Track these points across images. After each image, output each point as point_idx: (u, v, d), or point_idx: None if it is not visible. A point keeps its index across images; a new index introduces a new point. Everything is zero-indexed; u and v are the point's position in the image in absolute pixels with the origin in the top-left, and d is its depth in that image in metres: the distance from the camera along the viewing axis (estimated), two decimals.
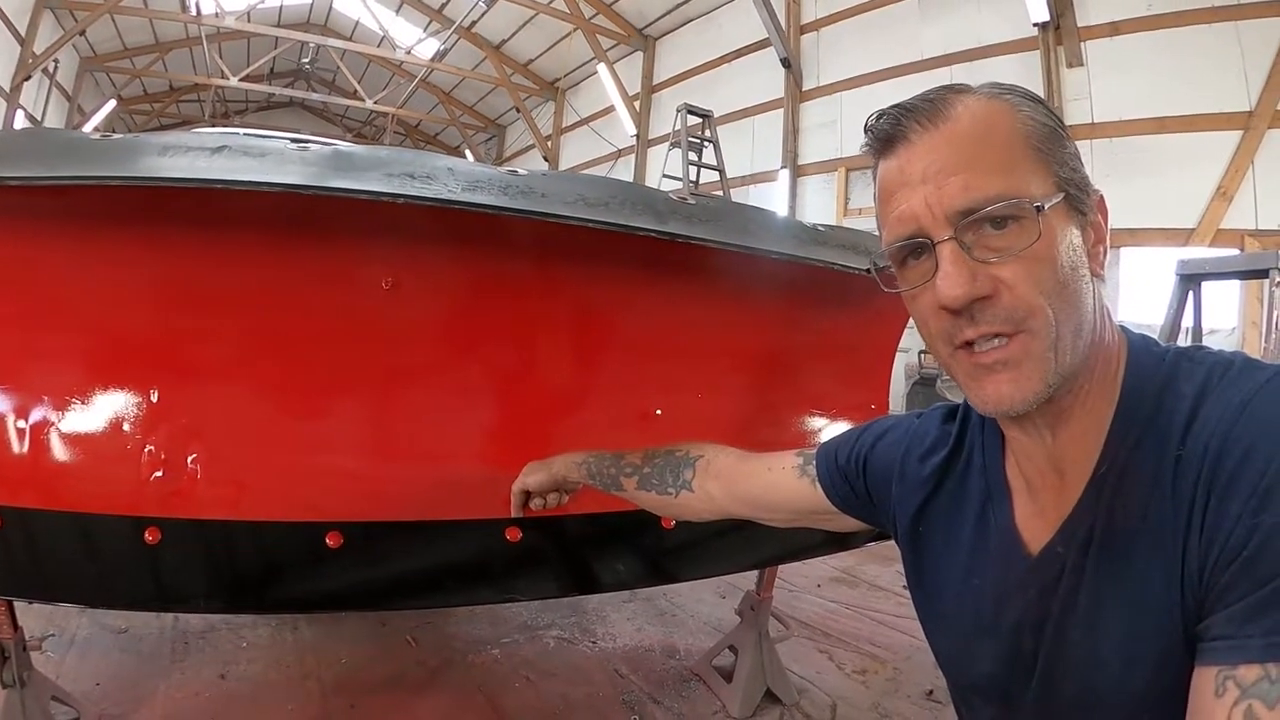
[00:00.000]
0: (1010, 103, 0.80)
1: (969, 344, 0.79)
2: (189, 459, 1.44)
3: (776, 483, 1.28)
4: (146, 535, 1.36)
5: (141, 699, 2.16)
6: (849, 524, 1.25)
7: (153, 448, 1.43)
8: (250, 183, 1.12)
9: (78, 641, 2.48)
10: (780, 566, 2.52)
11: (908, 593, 3.31)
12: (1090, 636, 0.79)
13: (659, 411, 1.88)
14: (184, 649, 2.48)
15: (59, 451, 1.40)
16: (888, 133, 0.82)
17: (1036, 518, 0.87)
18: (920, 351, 7.54)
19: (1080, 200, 0.79)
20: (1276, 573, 0.62)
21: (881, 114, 0.83)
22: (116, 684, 2.24)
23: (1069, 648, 0.81)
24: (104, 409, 1.42)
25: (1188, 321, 5.06)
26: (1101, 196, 0.81)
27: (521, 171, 1.26)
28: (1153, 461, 0.75)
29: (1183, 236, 6.74)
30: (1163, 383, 0.78)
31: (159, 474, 1.42)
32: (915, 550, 1.06)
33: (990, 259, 0.76)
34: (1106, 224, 0.82)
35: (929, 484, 1.02)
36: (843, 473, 1.17)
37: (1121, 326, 0.84)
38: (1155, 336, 0.86)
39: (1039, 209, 0.74)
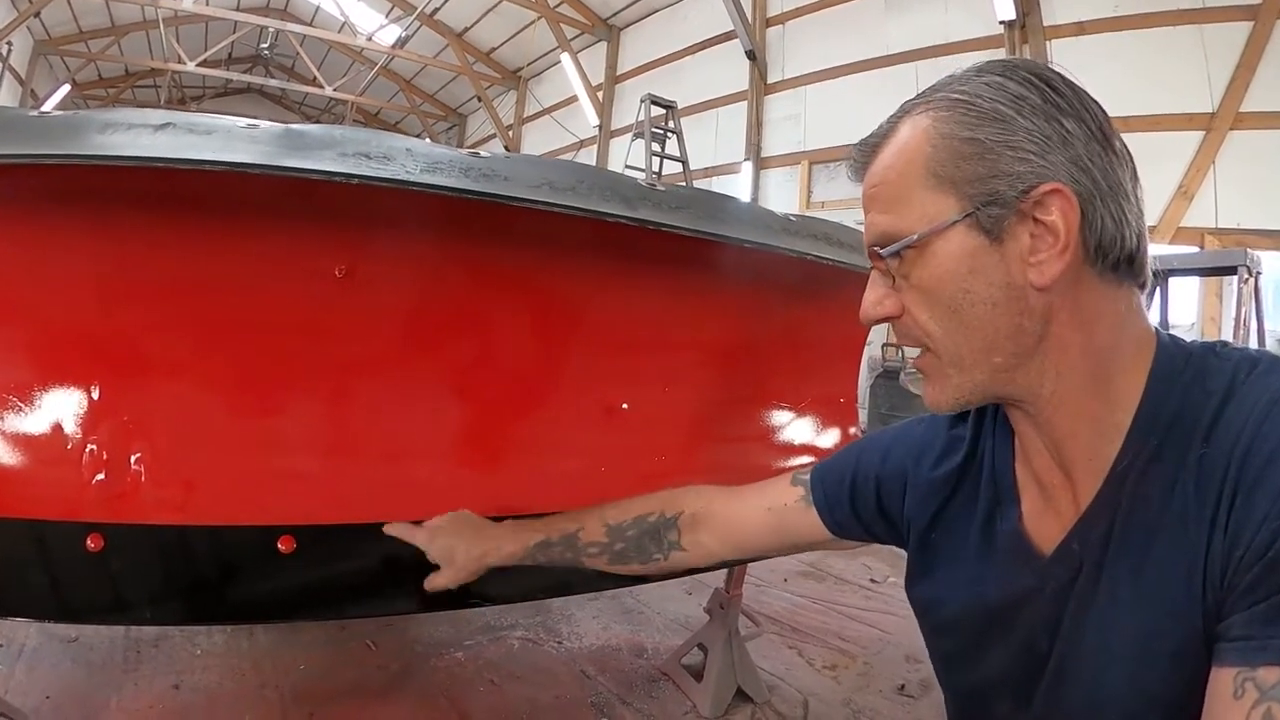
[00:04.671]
0: (933, 120, 0.79)
1: None
2: (132, 459, 1.36)
3: (782, 523, 1.23)
4: (89, 542, 1.28)
5: (93, 712, 2.08)
6: (851, 544, 1.22)
7: (94, 448, 1.34)
8: (195, 161, 1.04)
9: (26, 652, 2.39)
10: None
11: (874, 586, 3.33)
12: (1106, 634, 0.77)
13: (625, 405, 1.84)
14: (136, 658, 2.39)
15: None
16: (852, 163, 0.89)
17: (1049, 516, 0.86)
18: (884, 345, 7.59)
19: (995, 215, 0.75)
20: None
21: (856, 144, 0.89)
22: (68, 696, 2.15)
23: (1084, 645, 0.79)
24: (41, 406, 1.33)
25: (1154, 317, 5.18)
26: (1058, 188, 0.73)
27: (484, 154, 1.19)
28: (1176, 458, 0.73)
29: None
30: (1188, 380, 0.76)
31: (101, 476, 1.33)
32: (924, 555, 1.04)
33: (901, 285, 0.83)
34: (1074, 217, 0.74)
35: (944, 490, 1.01)
36: (848, 496, 1.15)
37: (1156, 329, 0.82)
38: None
39: (908, 246, 0.80)
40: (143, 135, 1.06)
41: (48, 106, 15.09)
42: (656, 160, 10.46)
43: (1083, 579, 0.80)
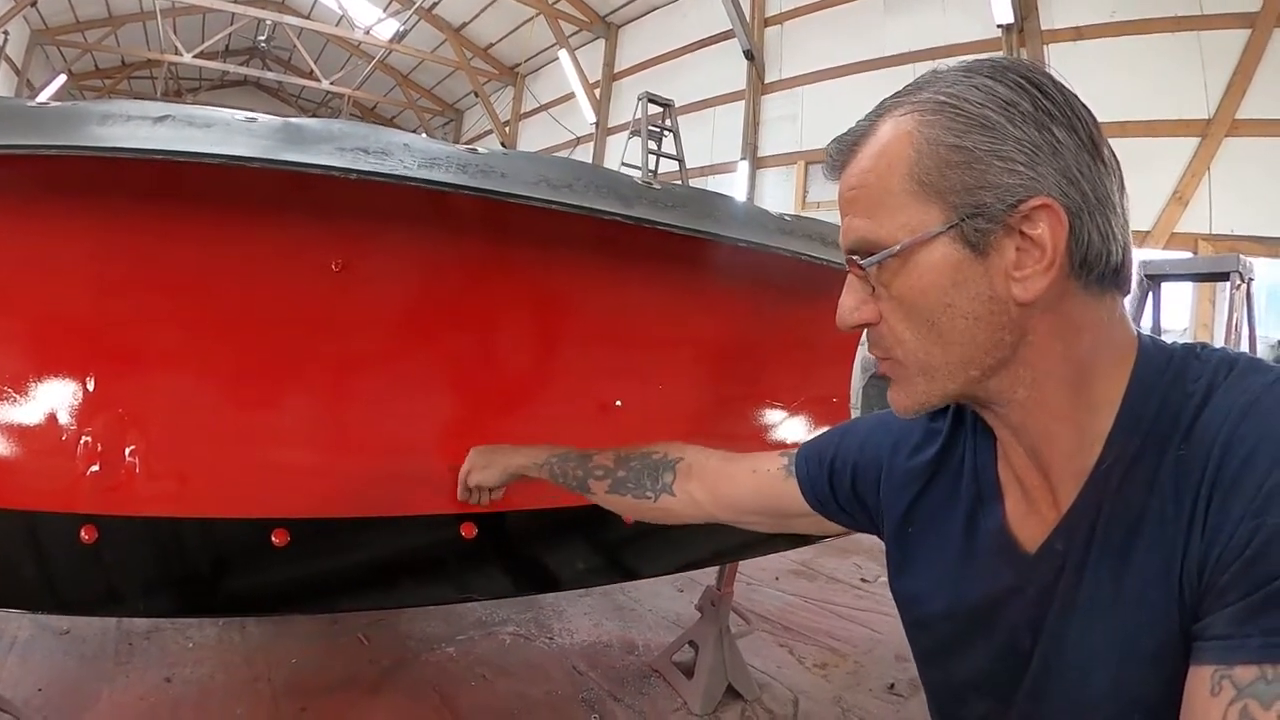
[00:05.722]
0: (918, 124, 0.77)
1: None
2: (127, 451, 1.36)
3: (762, 486, 1.26)
4: (83, 533, 1.28)
5: (85, 704, 2.08)
6: (833, 528, 1.23)
7: (89, 440, 1.34)
8: (193, 154, 1.05)
9: (18, 644, 2.38)
10: None
11: (865, 585, 3.33)
12: (1089, 635, 0.77)
13: (619, 402, 1.84)
14: (128, 650, 2.39)
15: None
16: (828, 162, 0.87)
17: (1031, 516, 0.86)
18: None
19: (981, 229, 0.74)
20: (1276, 574, 0.61)
21: (832, 142, 0.87)
22: (59, 689, 2.15)
23: (1067, 646, 0.79)
24: (36, 398, 1.33)
25: (1147, 321, 5.23)
26: (1047, 203, 0.72)
27: (482, 150, 1.19)
28: (1155, 459, 0.73)
29: (1138, 239, 6.85)
30: (1168, 382, 0.76)
31: (95, 468, 1.33)
32: (902, 549, 1.03)
33: (880, 293, 0.82)
34: (1061, 232, 0.72)
35: (918, 481, 1.00)
36: (827, 476, 1.15)
37: (1138, 332, 0.82)
38: None
39: (890, 255, 0.78)
40: (141, 127, 1.05)
41: (43, 97, 14.98)
42: (653, 158, 10.44)
43: (1066, 579, 0.80)
